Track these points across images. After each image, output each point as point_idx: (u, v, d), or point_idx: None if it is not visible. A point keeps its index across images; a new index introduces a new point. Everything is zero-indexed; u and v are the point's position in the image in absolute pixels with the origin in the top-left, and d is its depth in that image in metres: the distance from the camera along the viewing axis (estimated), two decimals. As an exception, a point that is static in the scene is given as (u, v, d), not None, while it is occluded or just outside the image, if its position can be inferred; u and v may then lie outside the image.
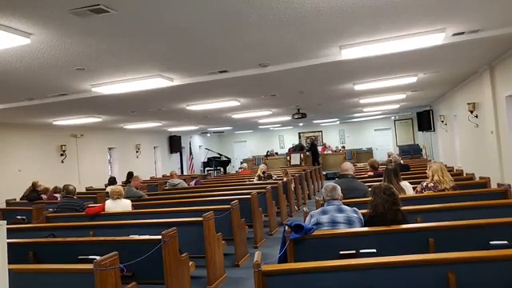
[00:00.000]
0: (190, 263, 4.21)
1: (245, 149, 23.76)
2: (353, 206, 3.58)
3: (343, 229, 3.28)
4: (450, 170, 7.47)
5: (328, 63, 5.86)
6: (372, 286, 2.42)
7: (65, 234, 4.83)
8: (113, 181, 10.11)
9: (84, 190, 10.58)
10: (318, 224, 3.33)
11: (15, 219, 6.94)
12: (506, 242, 2.92)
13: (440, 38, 4.97)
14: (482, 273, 2.36)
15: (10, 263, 1.99)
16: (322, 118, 18.07)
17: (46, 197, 8.31)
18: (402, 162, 9.04)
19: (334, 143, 21.51)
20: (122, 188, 6.29)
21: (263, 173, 9.71)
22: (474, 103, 8.57)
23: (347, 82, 8.19)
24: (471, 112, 8.60)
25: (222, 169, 19.73)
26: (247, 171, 13.24)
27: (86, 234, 4.76)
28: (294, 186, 9.69)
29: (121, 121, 12.10)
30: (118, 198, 5.89)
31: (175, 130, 16.94)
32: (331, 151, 19.82)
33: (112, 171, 14.00)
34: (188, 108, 9.82)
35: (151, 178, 14.71)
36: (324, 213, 3.40)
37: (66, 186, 6.37)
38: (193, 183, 10.61)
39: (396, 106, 14.46)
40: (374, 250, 3.03)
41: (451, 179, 4.73)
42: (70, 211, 6.00)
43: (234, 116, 12.57)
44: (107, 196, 6.65)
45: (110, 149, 14.16)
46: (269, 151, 20.74)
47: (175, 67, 5.79)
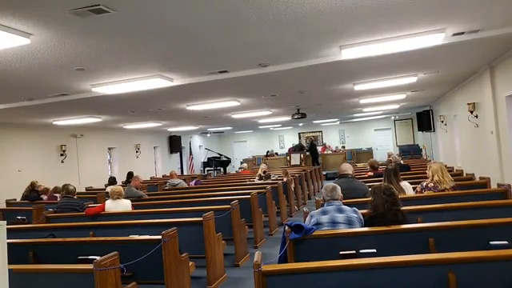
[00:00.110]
0: (190, 263, 4.21)
1: (245, 149, 23.76)
2: (353, 206, 3.58)
3: (343, 229, 3.28)
4: (450, 170, 7.47)
5: (328, 63, 5.86)
6: (372, 286, 2.42)
7: (65, 234, 4.83)
8: (113, 181, 10.10)
9: (84, 190, 10.58)
10: (318, 224, 3.33)
11: (15, 219, 6.94)
12: (506, 242, 2.92)
13: (440, 38, 4.97)
14: (482, 273, 2.36)
15: (10, 263, 1.99)
16: (321, 118, 18.06)
17: (46, 197, 8.31)
18: (401, 162, 9.03)
19: (333, 143, 21.49)
20: (121, 188, 6.29)
21: (264, 172, 9.73)
22: (473, 103, 8.57)
23: (347, 82, 8.19)
24: (471, 112, 8.60)
25: (221, 169, 19.73)
26: (247, 171, 13.25)
27: (85, 234, 4.75)
28: (294, 186, 9.69)
29: (121, 121, 12.09)
30: (118, 198, 5.89)
31: (175, 130, 16.93)
32: (331, 151, 19.79)
33: (112, 171, 14.00)
34: (188, 108, 9.82)
35: (151, 178, 14.70)
36: (324, 213, 3.40)
37: (65, 185, 6.35)
38: (193, 183, 10.60)
39: (396, 106, 14.46)
40: (374, 250, 3.03)
41: (451, 179, 4.72)
42: (70, 211, 5.99)
43: (234, 116, 12.57)
44: (107, 196, 6.65)
45: (109, 149, 14.16)
46: (269, 151, 20.73)
47: (175, 67, 5.79)
